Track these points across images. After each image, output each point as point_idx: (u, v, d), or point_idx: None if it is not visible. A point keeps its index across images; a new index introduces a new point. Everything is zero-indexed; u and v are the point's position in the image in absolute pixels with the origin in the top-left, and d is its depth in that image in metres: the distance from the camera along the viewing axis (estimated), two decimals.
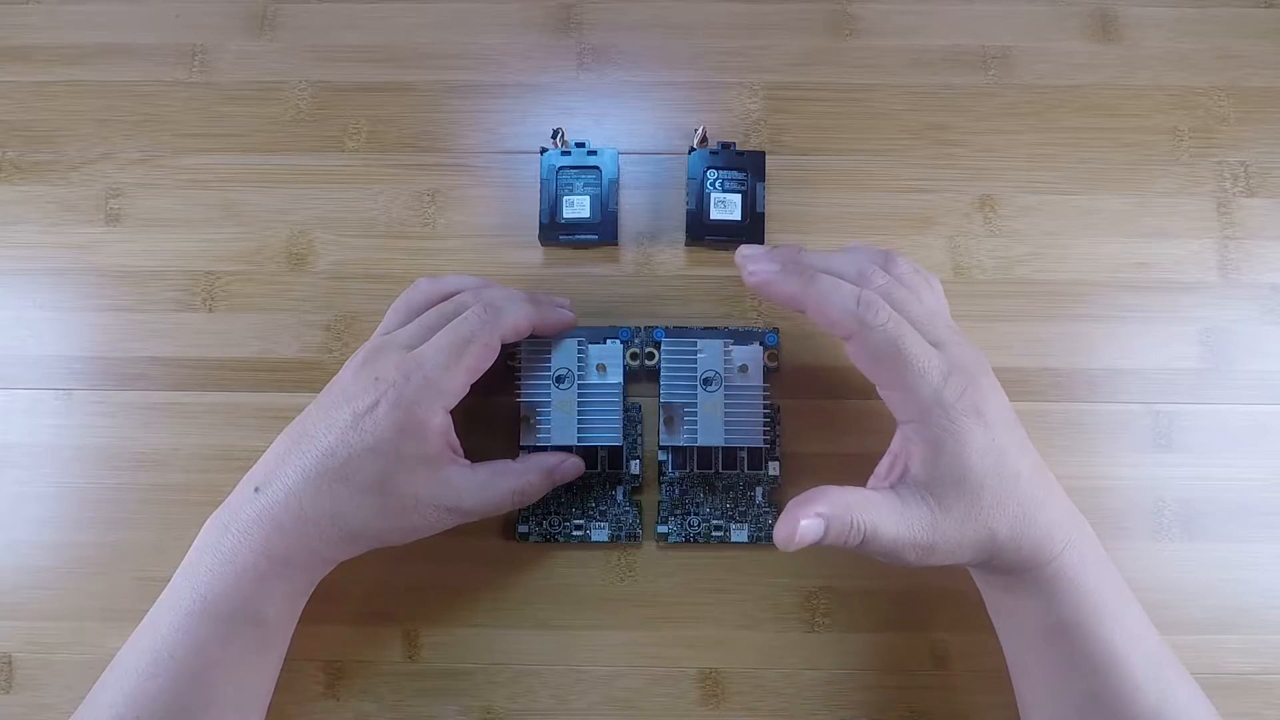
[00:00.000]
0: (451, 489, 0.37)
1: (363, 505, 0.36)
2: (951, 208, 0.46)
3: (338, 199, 0.46)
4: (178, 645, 0.35)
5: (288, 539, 0.36)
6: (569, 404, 0.41)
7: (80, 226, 0.46)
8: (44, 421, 0.45)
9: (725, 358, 0.41)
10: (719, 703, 0.43)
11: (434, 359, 0.37)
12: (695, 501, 0.43)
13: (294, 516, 0.35)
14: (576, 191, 0.45)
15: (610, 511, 0.43)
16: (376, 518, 0.36)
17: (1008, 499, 0.34)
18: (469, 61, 0.47)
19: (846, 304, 0.35)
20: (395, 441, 0.36)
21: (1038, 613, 0.36)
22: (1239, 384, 0.45)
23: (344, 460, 0.35)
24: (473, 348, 0.37)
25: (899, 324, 0.35)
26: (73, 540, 0.44)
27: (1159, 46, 0.47)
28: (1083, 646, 0.35)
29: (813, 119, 0.47)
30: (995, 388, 0.36)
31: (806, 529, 0.33)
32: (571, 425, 0.41)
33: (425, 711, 0.43)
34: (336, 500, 0.36)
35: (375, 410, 0.36)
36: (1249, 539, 0.44)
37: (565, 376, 0.41)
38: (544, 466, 0.41)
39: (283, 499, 0.36)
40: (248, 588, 0.36)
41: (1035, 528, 0.35)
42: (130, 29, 0.48)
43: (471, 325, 0.37)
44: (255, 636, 0.37)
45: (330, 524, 0.36)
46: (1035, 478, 0.35)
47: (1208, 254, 0.46)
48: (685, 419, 0.41)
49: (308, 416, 0.38)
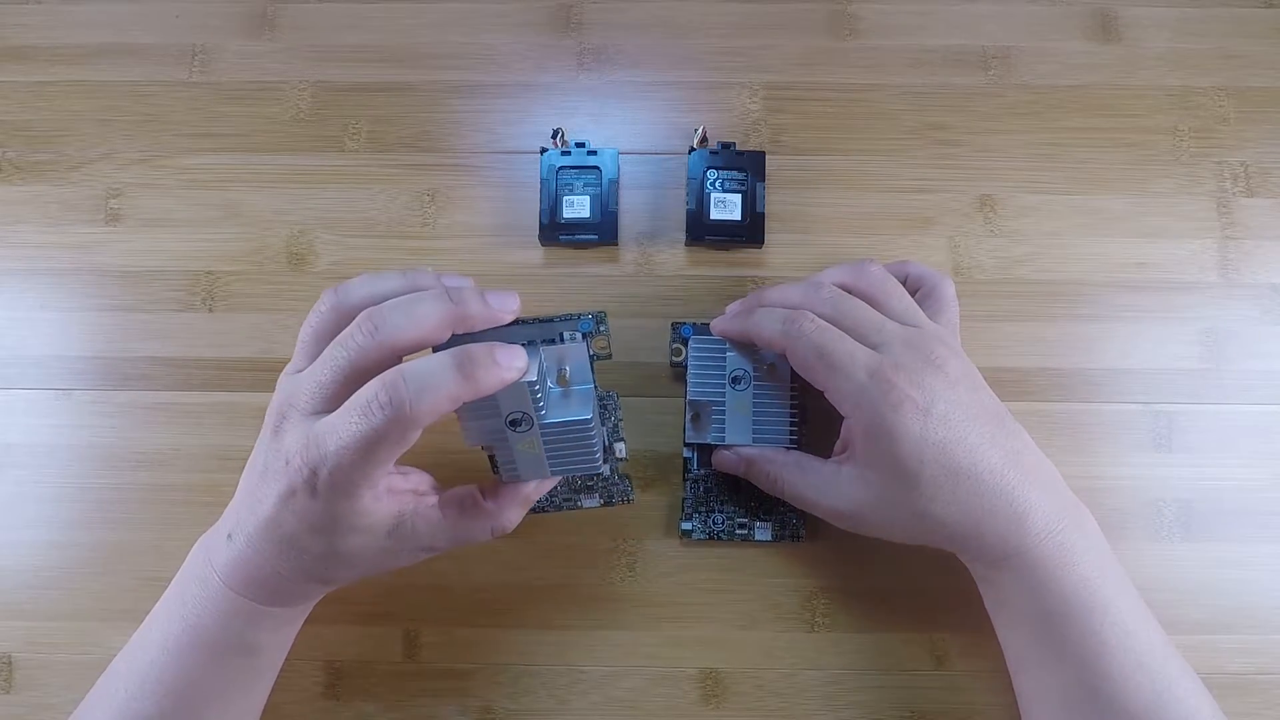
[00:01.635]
0: (417, 537, 0.36)
1: (326, 566, 0.35)
2: (951, 208, 0.46)
3: (338, 199, 0.46)
4: (166, 670, 0.35)
5: (267, 586, 0.35)
6: (533, 445, 0.36)
7: (80, 226, 0.46)
8: (44, 421, 0.45)
9: (753, 356, 0.41)
10: (719, 703, 0.43)
11: (339, 455, 0.31)
12: (720, 499, 0.43)
13: (265, 571, 0.34)
14: (576, 191, 0.45)
15: (599, 484, 0.42)
16: (344, 569, 0.35)
17: (959, 491, 0.36)
18: (469, 61, 0.47)
19: (774, 325, 0.38)
20: (330, 523, 0.33)
21: (1024, 602, 0.37)
22: (1239, 384, 0.45)
23: (291, 534, 0.33)
24: (382, 446, 0.32)
25: (823, 331, 0.37)
26: (73, 540, 0.44)
27: (1159, 46, 0.47)
28: (1071, 637, 0.36)
29: (813, 119, 0.47)
30: (954, 383, 0.36)
31: (725, 459, 0.42)
32: (541, 462, 0.37)
33: (425, 711, 0.43)
34: (299, 563, 0.34)
35: (295, 497, 0.33)
36: (1249, 539, 0.44)
37: (520, 420, 0.35)
38: (517, 500, 0.38)
39: (250, 554, 0.34)
40: (237, 624, 0.36)
41: (1001, 516, 0.36)
42: (130, 29, 0.48)
43: (374, 423, 0.31)
44: (246, 665, 0.37)
45: (300, 576, 0.35)
46: (1011, 469, 0.36)
47: (1208, 254, 0.46)
48: (713, 417, 0.41)
49: (251, 468, 0.36)
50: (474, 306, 0.34)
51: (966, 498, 0.36)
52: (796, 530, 0.43)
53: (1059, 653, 0.36)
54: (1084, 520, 0.37)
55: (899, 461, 0.36)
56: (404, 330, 0.33)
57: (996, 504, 0.36)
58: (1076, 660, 0.35)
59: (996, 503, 0.36)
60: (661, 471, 0.44)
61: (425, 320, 0.33)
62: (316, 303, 0.36)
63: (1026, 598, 0.36)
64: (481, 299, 0.34)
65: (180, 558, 0.38)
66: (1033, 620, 0.37)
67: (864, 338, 0.37)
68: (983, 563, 0.38)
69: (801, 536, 0.43)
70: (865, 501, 0.37)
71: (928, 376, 0.36)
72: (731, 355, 0.42)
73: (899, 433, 0.35)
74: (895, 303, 0.39)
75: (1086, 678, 0.35)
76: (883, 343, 0.37)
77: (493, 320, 0.35)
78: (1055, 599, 0.36)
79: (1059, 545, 0.36)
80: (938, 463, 0.35)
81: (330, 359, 0.33)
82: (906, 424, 0.35)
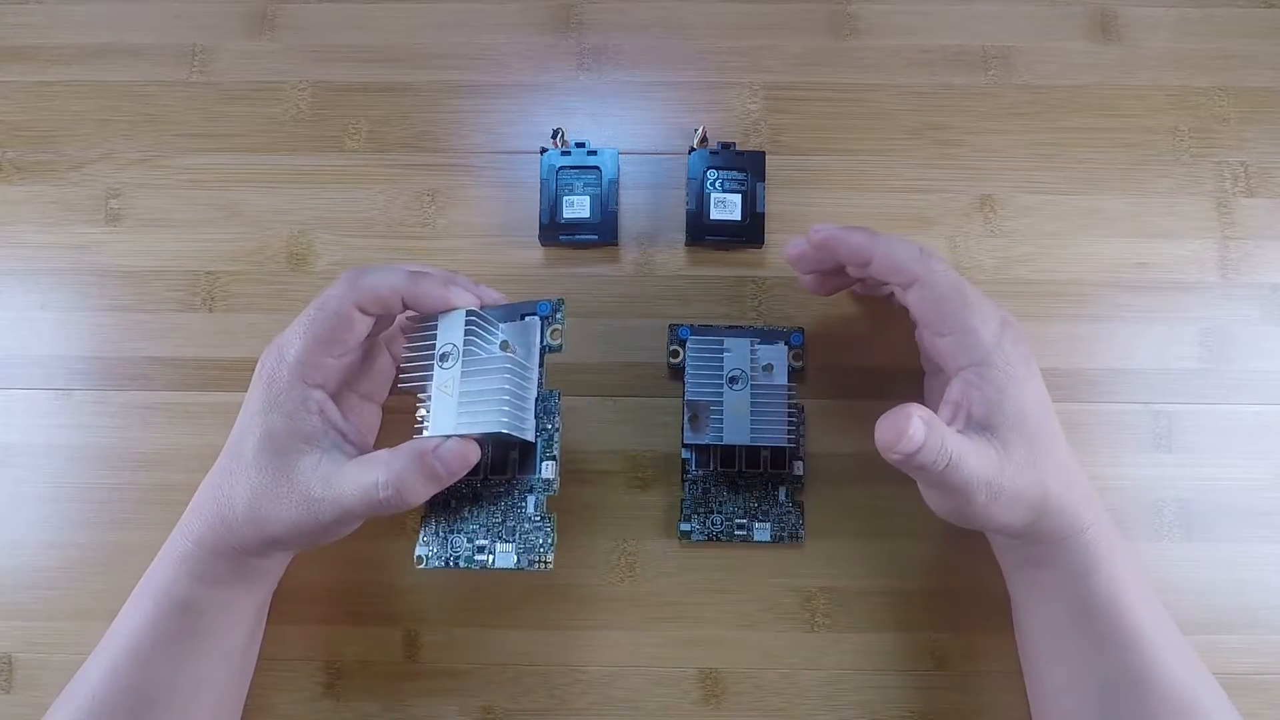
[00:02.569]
0: (317, 474, 0.35)
1: (244, 483, 0.36)
2: (951, 208, 0.46)
3: (338, 199, 0.46)
4: (126, 629, 0.37)
5: (200, 518, 0.37)
6: (451, 385, 0.35)
7: (80, 226, 0.46)
8: (44, 421, 0.45)
9: (751, 357, 0.41)
10: (719, 703, 0.43)
11: (289, 332, 0.37)
12: (719, 500, 0.43)
13: (204, 498, 0.37)
14: (576, 191, 0.45)
15: (519, 529, 0.37)
16: (254, 498, 0.35)
17: (1055, 452, 0.36)
18: (469, 61, 0.47)
19: (911, 251, 0.37)
20: (263, 415, 0.36)
21: (1072, 585, 0.37)
22: (1239, 384, 0.45)
23: (235, 440, 0.37)
24: (323, 315, 0.36)
25: (957, 277, 0.36)
26: (73, 540, 0.44)
27: (1159, 46, 0.47)
28: (1116, 621, 0.36)
29: (813, 119, 0.47)
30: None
31: (916, 429, 0.32)
32: (451, 410, 0.34)
33: (425, 711, 0.42)
34: (228, 478, 0.36)
35: (253, 391, 0.37)
36: (1249, 539, 0.44)
37: (450, 354, 0.35)
38: (414, 450, 0.35)
39: (208, 487, 0.37)
40: (172, 565, 0.37)
41: (1075, 491, 0.36)
42: (130, 29, 0.48)
43: (324, 295, 0.37)
44: (185, 622, 0.37)
45: (226, 504, 0.36)
46: (1067, 446, 0.37)
47: (1208, 254, 0.46)
48: (711, 417, 0.41)
49: None
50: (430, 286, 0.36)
51: (1059, 469, 0.36)
52: (796, 530, 0.43)
53: (1101, 637, 0.36)
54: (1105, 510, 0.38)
55: (1023, 418, 0.35)
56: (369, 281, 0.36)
57: (1076, 479, 0.36)
58: (1120, 644, 0.36)
59: (1076, 478, 0.36)
60: (661, 472, 0.44)
61: (386, 285, 0.36)
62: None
63: (1074, 580, 0.37)
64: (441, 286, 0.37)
65: None
66: (1078, 602, 0.37)
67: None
68: (1045, 542, 0.37)
69: (801, 536, 0.43)
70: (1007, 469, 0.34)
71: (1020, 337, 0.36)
72: (729, 355, 0.42)
73: (1026, 387, 0.35)
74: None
75: (1133, 662, 0.36)
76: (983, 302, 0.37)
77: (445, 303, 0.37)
78: (1104, 582, 0.36)
79: (1109, 531, 0.37)
80: (1049, 425, 0.36)
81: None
82: (1031, 378, 0.35)
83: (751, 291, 0.45)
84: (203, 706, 0.38)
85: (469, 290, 0.37)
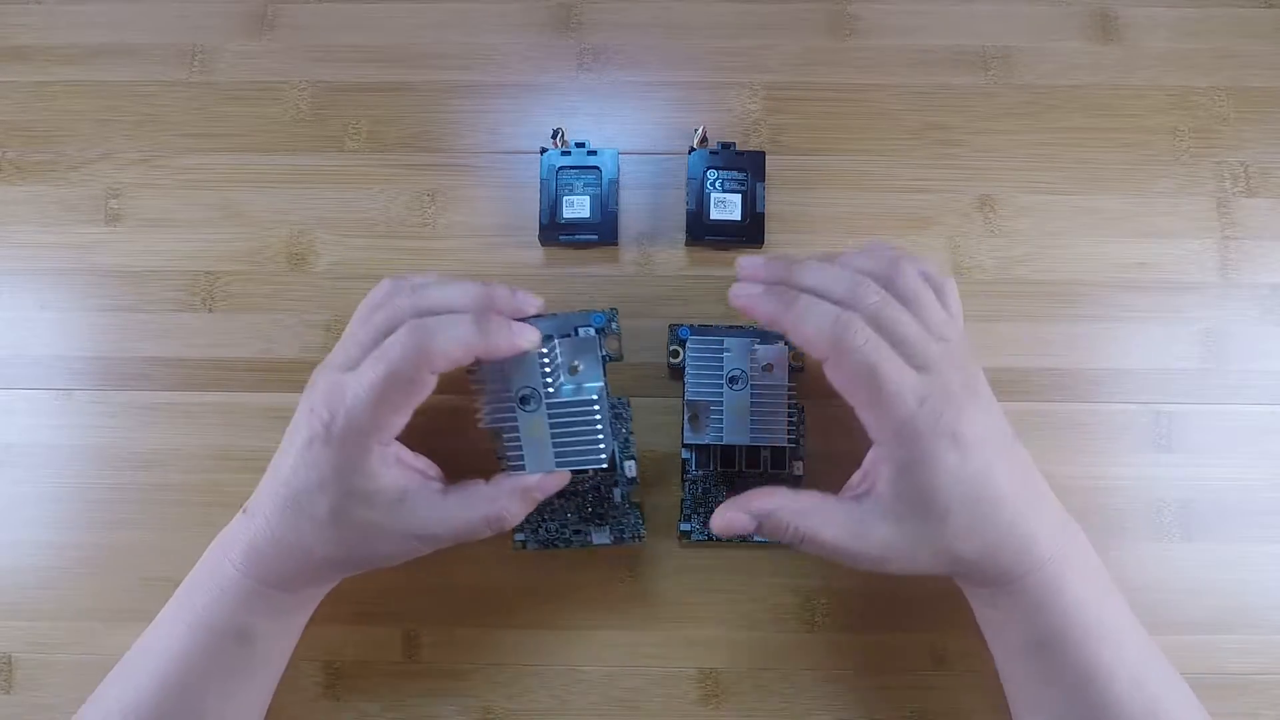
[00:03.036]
0: (416, 518, 0.36)
1: (324, 538, 0.35)
2: (951, 208, 0.46)
3: (338, 199, 0.46)
4: (165, 656, 0.36)
5: (267, 563, 0.36)
6: (540, 427, 0.37)
7: (80, 226, 0.46)
8: (44, 421, 0.45)
9: (751, 356, 0.41)
10: (719, 703, 0.43)
11: (355, 395, 0.34)
12: (719, 500, 0.43)
13: (270, 543, 0.36)
14: (576, 191, 0.45)
15: (609, 514, 0.42)
16: (341, 548, 0.36)
17: (980, 524, 0.35)
18: (469, 61, 0.47)
19: (822, 326, 0.35)
20: (337, 478, 0.35)
21: (1020, 626, 0.36)
22: (1239, 384, 0.45)
23: (298, 492, 0.35)
24: (395, 384, 0.34)
25: (876, 347, 0.34)
26: (73, 540, 0.44)
27: (1159, 46, 0.47)
28: (1064, 661, 0.35)
29: (813, 119, 0.47)
30: (986, 408, 0.35)
31: (734, 521, 0.37)
32: (547, 451, 0.37)
33: (425, 711, 0.43)
34: (301, 532, 0.35)
35: (312, 446, 0.35)
36: (1249, 539, 0.44)
37: (530, 396, 0.37)
38: (517, 488, 0.37)
39: (262, 526, 0.36)
40: (233, 604, 0.36)
41: (1009, 547, 0.35)
42: (130, 29, 0.48)
43: (392, 357, 0.34)
44: (242, 654, 0.37)
45: (300, 552, 0.36)
46: (1021, 495, 0.35)
47: (1208, 254, 0.46)
48: (711, 417, 0.41)
49: (284, 438, 0.37)
50: (501, 294, 0.38)
51: (984, 530, 0.35)
52: None
53: (1054, 676, 0.36)
54: (1077, 536, 0.37)
55: (932, 496, 0.34)
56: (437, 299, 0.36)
57: (1008, 535, 0.35)
58: (1071, 684, 0.35)
59: (1008, 534, 0.35)
60: (661, 472, 0.44)
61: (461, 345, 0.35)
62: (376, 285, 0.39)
63: (1023, 623, 0.36)
64: (510, 292, 0.38)
65: (180, 557, 0.38)
66: (1028, 645, 0.36)
67: (910, 356, 0.35)
68: (984, 589, 0.37)
69: None
70: (892, 542, 0.35)
71: (968, 406, 0.34)
72: (729, 355, 0.42)
73: (939, 467, 0.34)
74: (931, 312, 0.36)
75: (1081, 699, 0.35)
76: (927, 365, 0.34)
77: (516, 310, 0.38)
78: (1051, 624, 0.35)
79: (1056, 571, 0.35)
80: (966, 497, 0.34)
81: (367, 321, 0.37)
82: (946, 459, 0.34)
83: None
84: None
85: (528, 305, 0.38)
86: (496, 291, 0.38)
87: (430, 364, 0.34)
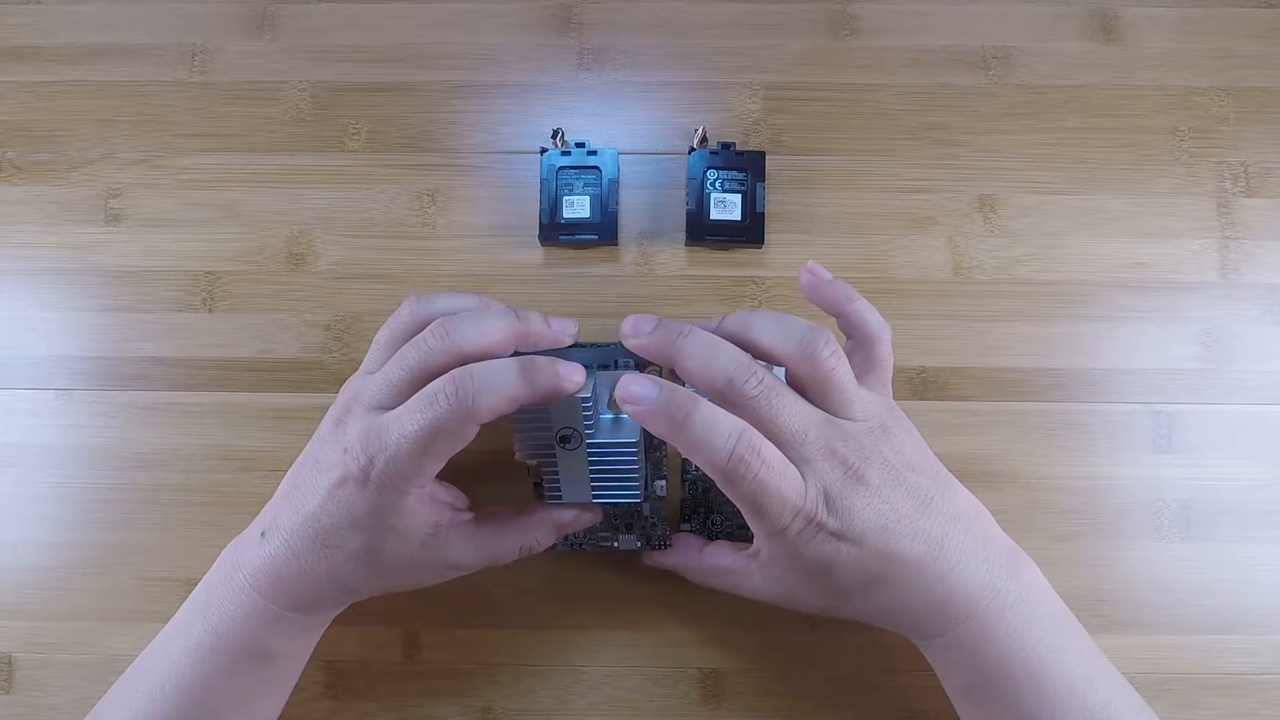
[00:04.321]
0: (451, 550, 0.36)
1: (356, 570, 0.35)
2: (951, 208, 0.46)
3: (338, 199, 0.46)
4: (185, 673, 0.35)
5: (291, 588, 0.35)
6: (579, 464, 0.37)
7: (80, 226, 0.46)
8: (44, 421, 0.45)
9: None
10: (719, 703, 0.43)
11: (397, 445, 0.33)
12: (719, 500, 0.43)
13: (294, 571, 0.35)
14: (576, 191, 0.45)
15: (637, 524, 0.41)
16: (374, 577, 0.36)
17: (871, 594, 0.35)
18: (469, 61, 0.47)
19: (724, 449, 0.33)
20: (372, 518, 0.34)
21: (952, 673, 0.37)
22: (1239, 384, 0.45)
23: (328, 529, 0.34)
24: (440, 438, 0.33)
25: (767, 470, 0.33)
26: (73, 540, 0.44)
27: (1159, 46, 0.47)
28: (994, 710, 0.35)
29: (813, 119, 0.47)
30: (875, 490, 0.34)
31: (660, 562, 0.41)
32: (584, 484, 0.38)
33: (425, 711, 0.43)
34: (331, 563, 0.35)
35: (345, 486, 0.34)
36: (1249, 539, 0.44)
37: (570, 436, 0.36)
38: (553, 523, 0.39)
39: (283, 552, 0.35)
40: (257, 627, 0.36)
41: (914, 612, 0.35)
42: (130, 29, 0.48)
43: (438, 413, 0.33)
44: (263, 673, 0.37)
45: (329, 581, 0.35)
46: (926, 561, 0.34)
47: (1208, 254, 0.46)
48: None
49: (303, 463, 0.37)
50: (536, 325, 0.36)
51: (882, 598, 0.35)
52: None
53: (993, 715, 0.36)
54: (1023, 574, 0.35)
55: (811, 577, 0.35)
56: (472, 339, 0.34)
57: (914, 600, 0.35)
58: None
59: (914, 599, 0.35)
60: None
61: (493, 332, 0.35)
62: (397, 308, 0.38)
63: (954, 669, 0.37)
64: (544, 321, 0.37)
65: (180, 557, 0.38)
66: (963, 687, 0.37)
67: (788, 448, 0.34)
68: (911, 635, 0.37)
69: None
70: (781, 595, 0.37)
71: (850, 495, 0.34)
72: None
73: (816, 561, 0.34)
74: (836, 395, 0.35)
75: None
76: (808, 458, 0.34)
77: (554, 341, 0.37)
78: (976, 674, 0.35)
79: (980, 624, 0.34)
80: (851, 576, 0.34)
81: (401, 359, 0.35)
82: (820, 552, 0.34)
83: (751, 291, 0.45)
84: None
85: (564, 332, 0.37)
86: (533, 324, 0.36)
87: (476, 418, 0.33)
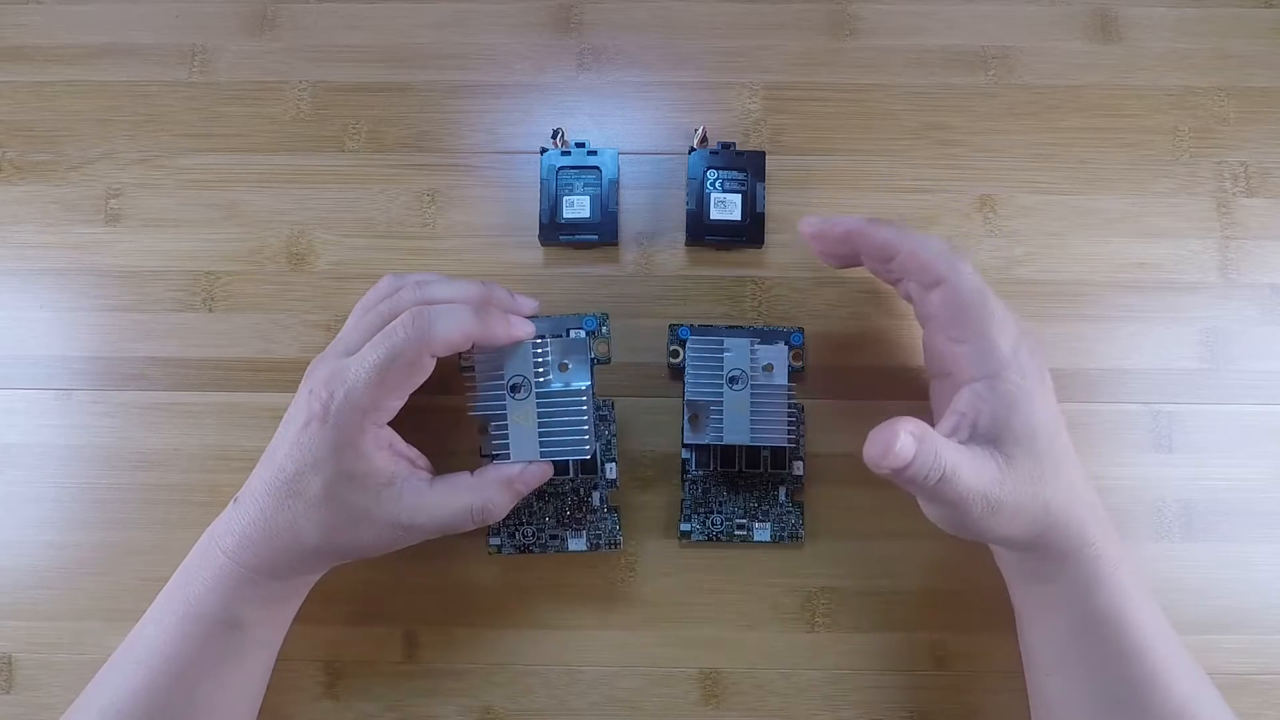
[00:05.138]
0: (402, 505, 0.37)
1: (315, 520, 0.36)
2: (951, 208, 0.46)
3: (338, 199, 0.46)
4: (161, 643, 0.36)
5: (257, 549, 0.36)
6: (528, 415, 0.38)
7: (80, 226, 0.46)
8: (44, 421, 0.45)
9: (751, 357, 0.41)
10: (719, 703, 0.43)
11: (355, 376, 0.35)
12: (719, 500, 0.43)
13: (260, 529, 0.36)
14: (576, 191, 0.45)
15: (586, 518, 0.42)
16: (329, 532, 0.36)
17: (1063, 468, 0.35)
18: (469, 61, 0.47)
19: (940, 249, 0.36)
20: (332, 459, 0.35)
21: (1075, 601, 0.37)
22: (1239, 384, 0.45)
23: (293, 475, 0.36)
24: (396, 365, 0.35)
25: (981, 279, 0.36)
26: (73, 540, 0.44)
27: (1159, 46, 0.47)
28: (1118, 637, 0.36)
29: (813, 119, 0.47)
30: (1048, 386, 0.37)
31: (904, 445, 0.32)
32: (532, 439, 0.38)
33: (425, 711, 0.43)
34: (293, 514, 0.36)
35: (309, 427, 0.36)
36: (1249, 539, 0.44)
37: (521, 385, 0.38)
38: (501, 479, 0.38)
39: (253, 512, 0.36)
40: (224, 592, 0.36)
41: (1080, 506, 0.36)
42: (130, 29, 0.48)
43: (395, 340, 0.36)
44: (233, 640, 0.37)
45: (291, 537, 0.36)
46: (1079, 473, 0.36)
47: (1208, 254, 0.46)
48: (711, 417, 0.41)
49: (279, 427, 0.38)
50: (500, 293, 0.40)
51: (1065, 485, 0.35)
52: (796, 530, 0.43)
53: (1105, 650, 0.36)
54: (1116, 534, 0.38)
55: (1034, 433, 0.35)
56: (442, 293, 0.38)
57: (1082, 495, 0.36)
58: (1125, 657, 0.36)
59: (1082, 493, 0.36)
60: (661, 472, 0.44)
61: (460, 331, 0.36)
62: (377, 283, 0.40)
63: (1078, 594, 0.36)
64: (509, 293, 0.40)
65: (180, 557, 0.38)
66: (1082, 617, 0.36)
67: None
68: (1049, 559, 0.37)
69: (801, 537, 0.43)
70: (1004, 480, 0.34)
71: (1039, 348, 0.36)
72: (729, 355, 0.42)
73: (1038, 400, 0.35)
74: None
75: (1133, 677, 0.35)
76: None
77: (515, 309, 0.40)
78: (1106, 596, 0.36)
79: (1114, 546, 0.36)
80: (1058, 441, 0.35)
81: (376, 311, 0.38)
82: (1044, 393, 0.35)
83: (751, 291, 0.45)
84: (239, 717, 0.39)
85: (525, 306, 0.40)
86: (495, 291, 0.40)
87: (431, 347, 0.36)
